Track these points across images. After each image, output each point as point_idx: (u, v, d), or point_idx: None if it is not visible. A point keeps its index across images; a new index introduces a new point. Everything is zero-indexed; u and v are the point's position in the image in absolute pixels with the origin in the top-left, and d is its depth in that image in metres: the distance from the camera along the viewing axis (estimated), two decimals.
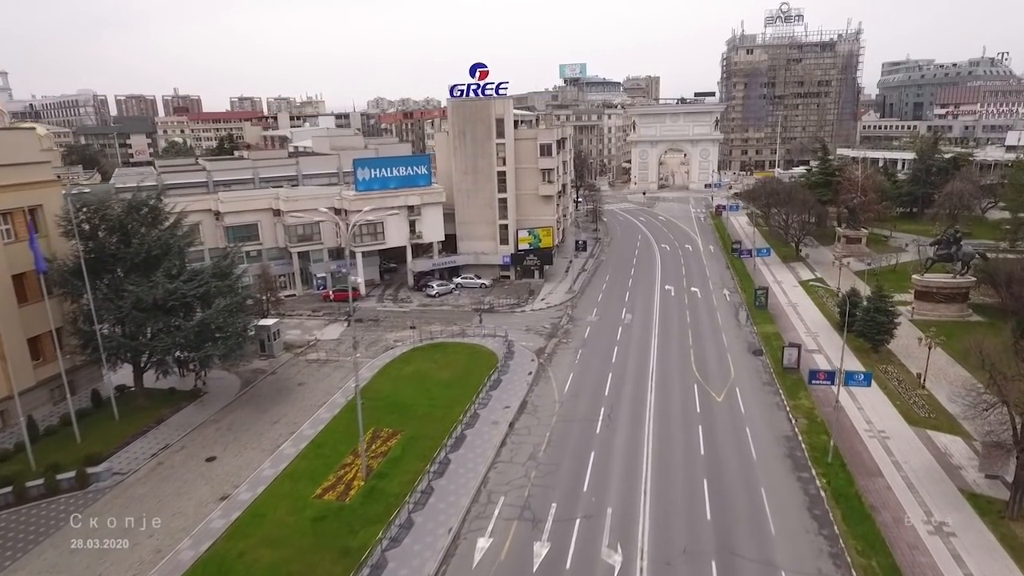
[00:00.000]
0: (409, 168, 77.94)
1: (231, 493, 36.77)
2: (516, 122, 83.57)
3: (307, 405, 48.28)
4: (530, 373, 53.05)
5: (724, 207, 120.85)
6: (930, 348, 46.65)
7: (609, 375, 52.00)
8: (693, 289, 76.55)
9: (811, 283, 77.26)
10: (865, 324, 53.45)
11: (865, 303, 54.99)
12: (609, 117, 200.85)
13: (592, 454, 39.98)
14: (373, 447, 41.40)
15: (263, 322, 58.08)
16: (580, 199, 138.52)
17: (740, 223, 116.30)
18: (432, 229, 78.89)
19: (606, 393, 48.77)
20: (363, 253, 77.00)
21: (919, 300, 63.99)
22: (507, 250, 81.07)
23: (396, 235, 77.13)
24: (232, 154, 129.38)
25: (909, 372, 50.44)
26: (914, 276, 64.88)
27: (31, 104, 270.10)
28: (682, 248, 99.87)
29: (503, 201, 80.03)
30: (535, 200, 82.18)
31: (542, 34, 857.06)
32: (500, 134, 77.96)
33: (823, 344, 57.88)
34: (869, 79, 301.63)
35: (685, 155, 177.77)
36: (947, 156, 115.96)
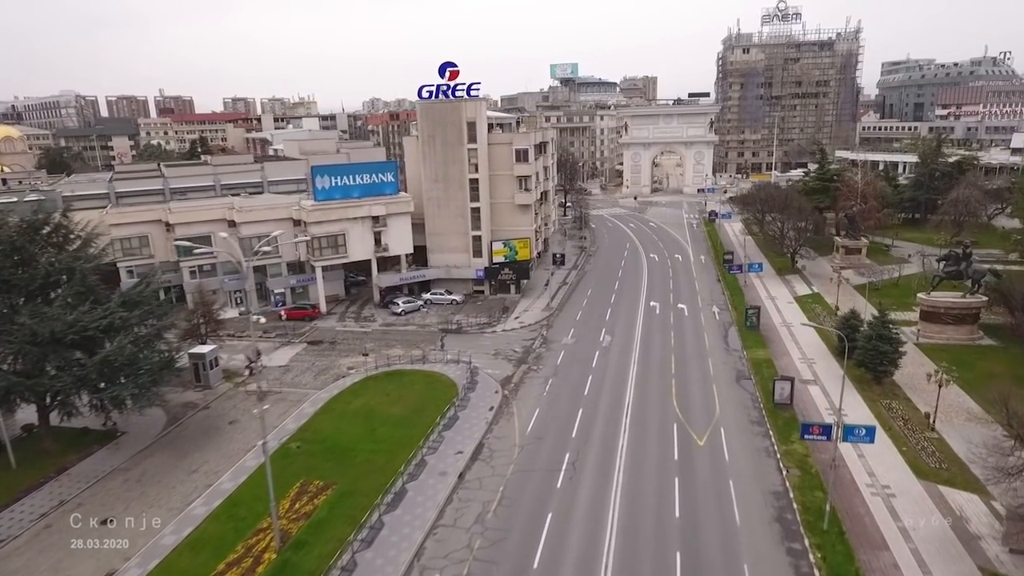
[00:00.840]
0: (374, 175, 72.27)
1: (118, 569, 31.08)
2: (491, 125, 77.91)
3: (233, 450, 42.57)
4: (491, 408, 47.39)
5: (717, 214, 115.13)
6: (940, 386, 40.98)
7: (579, 412, 46.32)
8: (680, 306, 70.87)
9: (807, 299, 71.57)
10: (866, 353, 47.77)
11: (866, 328, 49.27)
12: (602, 118, 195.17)
13: (549, 517, 34.29)
14: (298, 506, 35.74)
15: (198, 349, 52.39)
16: (569, 204, 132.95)
17: (734, 230, 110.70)
18: (399, 241, 73.22)
19: (573, 435, 43.09)
20: (324, 267, 71.25)
21: (925, 321, 58.35)
22: (480, 263, 75.40)
23: (359, 248, 71.43)
24: (200, 158, 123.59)
25: (916, 410, 44.77)
26: (919, 295, 59.21)
27: (13, 105, 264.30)
28: (671, 258, 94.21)
29: (476, 211, 74.36)
30: (511, 209, 76.50)
31: (542, 34, 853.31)
32: (472, 138, 72.30)
33: (820, 373, 52.21)
34: (868, 79, 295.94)
35: (681, 158, 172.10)
36: (951, 160, 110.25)
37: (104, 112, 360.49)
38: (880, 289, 73.21)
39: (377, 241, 72.36)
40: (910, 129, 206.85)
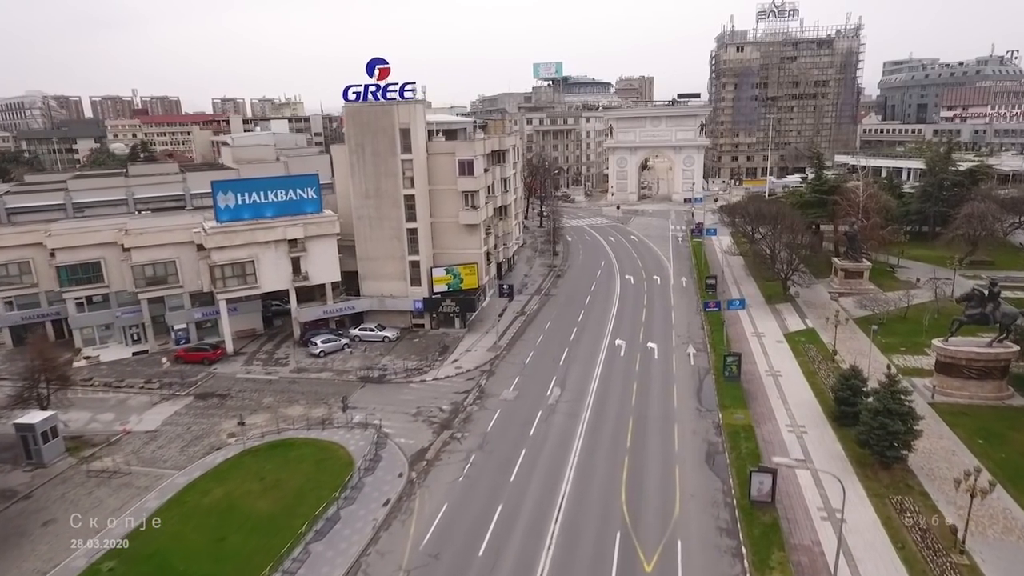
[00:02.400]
0: (291, 191, 61.62)
1: None
2: (433, 132, 67.21)
3: (26, 572, 31.88)
4: (387, 502, 36.73)
5: (701, 228, 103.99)
6: (973, 497, 30.21)
7: (497, 510, 35.63)
8: (650, 345, 60.15)
9: (800, 338, 60.79)
10: (871, 432, 37.04)
11: (872, 400, 38.54)
12: (588, 120, 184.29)
13: None
14: None
15: (27, 418, 41.69)
16: (547, 214, 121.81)
17: (723, 245, 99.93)
18: (323, 268, 62.54)
19: (481, 552, 32.40)
20: (232, 299, 60.57)
21: (942, 375, 47.62)
22: (419, 293, 64.72)
23: (273, 276, 60.78)
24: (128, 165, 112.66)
25: (936, 511, 34.01)
26: (935, 342, 48.41)
27: None
28: (649, 280, 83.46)
29: (413, 232, 63.71)
30: (456, 230, 65.82)
31: (541, 35, 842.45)
32: (407, 148, 61.62)
33: (811, 447, 41.45)
34: (868, 79, 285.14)
35: (670, 163, 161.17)
36: (963, 168, 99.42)
37: (88, 113, 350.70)
38: (885, 324, 62.53)
39: (296, 268, 61.69)
40: (914, 132, 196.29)
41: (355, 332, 63.00)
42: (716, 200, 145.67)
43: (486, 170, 68.16)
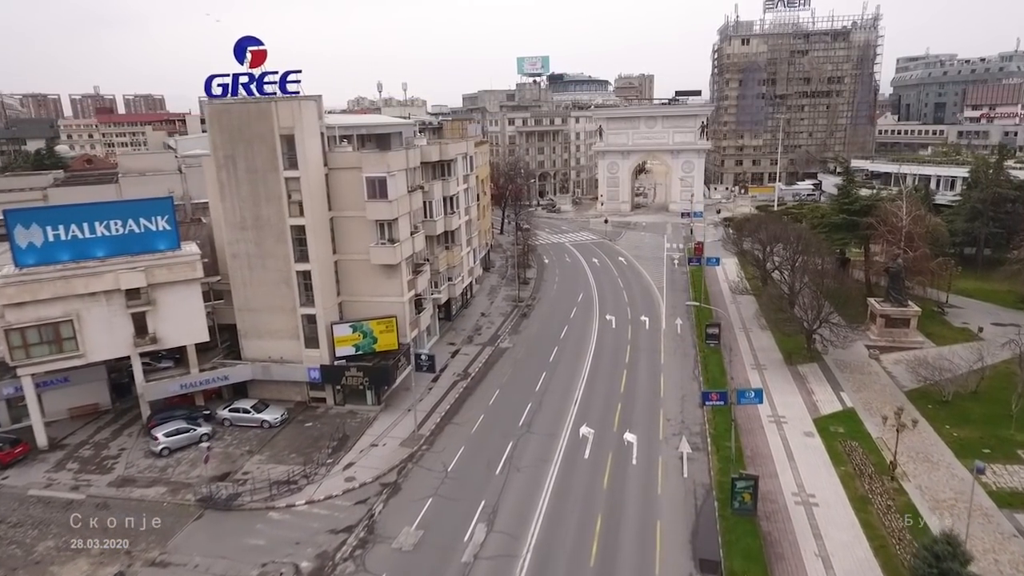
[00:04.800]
0: (133, 221, 44.55)
1: None
2: (333, 139, 50.11)
3: None
4: None
5: (700, 256, 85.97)
6: None
7: None
8: (628, 438, 43.05)
9: (836, 427, 43.62)
10: None
11: None
12: (577, 121, 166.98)
13: None
14: None
15: None
16: (527, 226, 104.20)
17: (728, 275, 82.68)
18: (180, 325, 45.51)
19: None
20: (47, 373, 43.56)
21: None
22: (317, 358, 47.63)
23: (104, 340, 43.74)
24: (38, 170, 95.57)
25: None
26: None
27: None
28: (635, 323, 66.37)
29: (305, 275, 46.62)
30: (369, 272, 48.79)
31: (543, 32, 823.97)
32: (292, 161, 44.54)
33: None
34: (882, 76, 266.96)
35: (667, 168, 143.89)
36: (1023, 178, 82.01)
37: (68, 112, 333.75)
38: (950, 402, 45.57)
39: (141, 327, 44.66)
40: (936, 133, 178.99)
41: (224, 414, 45.95)
42: (719, 212, 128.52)
43: (412, 190, 51.06)
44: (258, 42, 44.01)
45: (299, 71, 43.86)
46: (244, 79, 44.27)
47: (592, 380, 52.56)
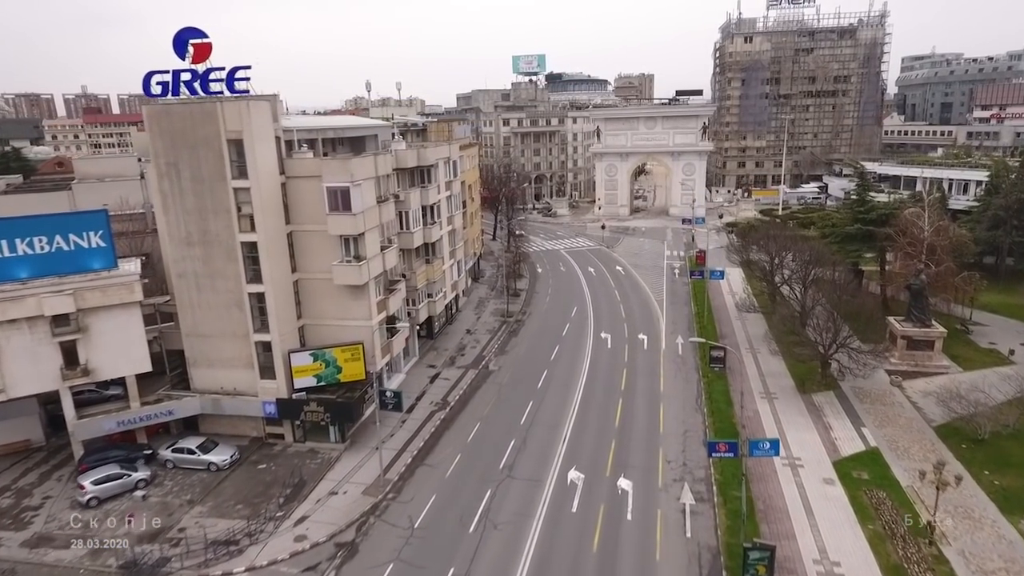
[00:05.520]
0: (58, 239, 39.26)
1: None
2: (295, 143, 44.81)
3: None
4: None
5: (701, 264, 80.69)
6: None
7: None
8: (623, 485, 37.73)
9: (861, 473, 38.30)
10: None
11: None
12: (575, 121, 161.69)
13: None
14: None
15: None
16: (520, 232, 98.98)
17: (732, 285, 77.28)
18: (117, 355, 40.27)
19: None
20: None
21: None
22: (273, 390, 42.36)
23: (27, 373, 38.51)
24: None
25: None
26: None
27: None
28: (632, 342, 61.10)
29: (259, 297, 41.35)
30: (333, 293, 43.53)
31: (544, 32, 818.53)
32: (241, 170, 39.28)
33: None
34: (889, 75, 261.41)
35: (667, 171, 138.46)
36: None
37: (62, 112, 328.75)
38: (987, 442, 40.33)
39: (72, 358, 39.42)
40: (944, 134, 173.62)
41: (166, 455, 40.70)
42: (721, 217, 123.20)
43: (383, 200, 45.75)
44: (201, 34, 38.73)
45: (248, 67, 38.74)
46: (186, 76, 39.05)
47: (584, 411, 47.27)
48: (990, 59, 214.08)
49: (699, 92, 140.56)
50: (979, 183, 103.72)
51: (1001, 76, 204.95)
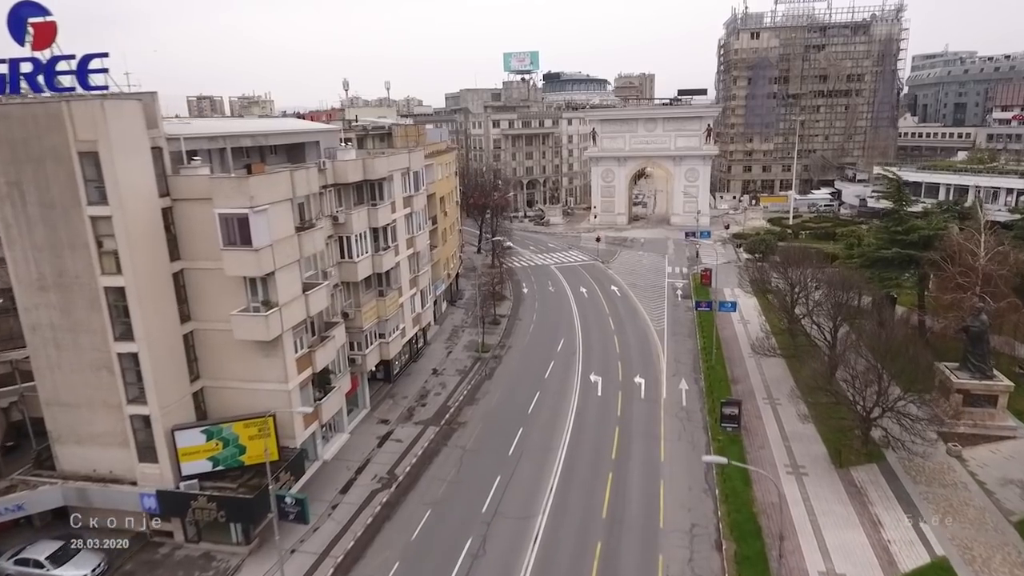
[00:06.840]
0: None
1: None
2: (186, 153, 34.95)
3: None
4: None
5: (706, 283, 70.69)
6: None
7: None
8: None
9: None
10: None
11: None
12: (570, 123, 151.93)
13: None
14: None
15: None
16: (509, 244, 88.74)
17: (745, 313, 66.78)
18: None
19: None
20: None
21: None
22: (156, 476, 32.49)
23: None
24: None
25: None
26: None
27: None
28: (627, 388, 51.20)
29: (131, 358, 31.45)
30: (236, 347, 33.65)
31: (544, 31, 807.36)
32: (99, 192, 29.42)
33: None
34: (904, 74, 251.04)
35: (669, 176, 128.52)
36: None
37: None
38: None
39: None
40: (962, 136, 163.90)
41: (6, 567, 30.87)
42: (727, 227, 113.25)
43: (308, 226, 35.77)
44: (43, 11, 28.91)
45: (105, 54, 29.03)
46: (27, 67, 29.25)
47: (563, 493, 37.39)
48: (1007, 57, 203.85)
49: (703, 91, 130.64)
50: (1009, 191, 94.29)
51: (1018, 75, 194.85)
